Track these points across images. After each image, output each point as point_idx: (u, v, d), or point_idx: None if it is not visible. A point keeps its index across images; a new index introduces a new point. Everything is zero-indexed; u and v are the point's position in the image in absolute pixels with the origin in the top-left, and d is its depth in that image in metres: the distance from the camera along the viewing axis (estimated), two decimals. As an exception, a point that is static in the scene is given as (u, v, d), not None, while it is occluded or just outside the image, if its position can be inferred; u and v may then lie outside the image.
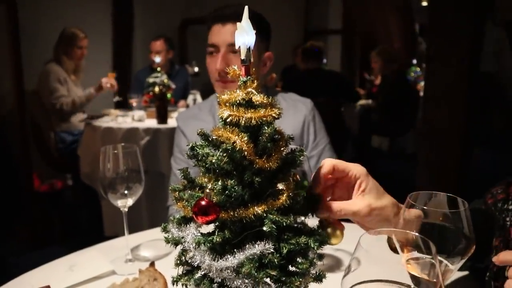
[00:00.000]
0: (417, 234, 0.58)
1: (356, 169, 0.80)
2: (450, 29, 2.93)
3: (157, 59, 3.78)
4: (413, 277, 0.64)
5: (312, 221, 0.76)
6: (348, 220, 1.31)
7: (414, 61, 7.15)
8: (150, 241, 1.33)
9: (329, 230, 0.80)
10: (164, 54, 4.37)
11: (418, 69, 6.80)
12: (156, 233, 1.38)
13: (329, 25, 8.14)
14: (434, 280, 0.60)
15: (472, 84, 2.95)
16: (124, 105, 4.40)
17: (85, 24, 4.80)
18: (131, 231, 1.23)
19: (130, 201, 1.15)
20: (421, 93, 5.12)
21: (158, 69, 3.44)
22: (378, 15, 7.52)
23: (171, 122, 3.32)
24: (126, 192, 1.14)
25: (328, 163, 0.78)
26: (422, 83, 5.62)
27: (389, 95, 5.18)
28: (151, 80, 3.31)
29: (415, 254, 0.63)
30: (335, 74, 4.89)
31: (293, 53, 6.37)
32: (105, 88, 4.02)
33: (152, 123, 3.39)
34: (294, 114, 1.72)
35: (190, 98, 4.20)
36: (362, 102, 5.45)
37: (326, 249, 0.78)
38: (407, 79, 5.96)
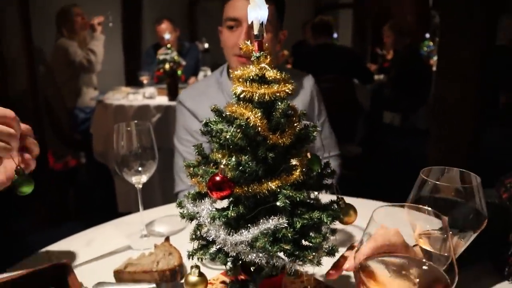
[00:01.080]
0: (429, 208, 0.58)
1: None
2: (464, 1, 2.86)
3: (167, 35, 3.76)
4: (425, 251, 0.65)
5: (325, 197, 0.77)
6: (361, 197, 1.32)
7: (427, 35, 7.01)
8: (164, 216, 1.34)
9: (343, 209, 0.81)
10: (172, 34, 4.35)
11: (431, 43, 6.66)
12: (170, 209, 1.40)
13: (340, -1, 8.00)
14: (446, 254, 0.60)
15: (486, 59, 2.89)
16: (134, 82, 4.42)
17: (95, 3, 4.79)
18: (144, 207, 1.25)
19: (144, 178, 1.17)
20: (434, 68, 5.03)
21: (169, 45, 3.42)
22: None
23: (182, 99, 3.32)
24: (140, 169, 1.15)
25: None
26: (435, 58, 5.52)
27: (401, 70, 5.11)
28: (161, 57, 3.30)
29: (427, 228, 0.63)
30: (347, 50, 4.81)
31: (302, 29, 6.28)
32: (97, 26, 4.21)
33: (163, 100, 3.40)
34: (302, 89, 1.75)
35: (201, 74, 4.18)
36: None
37: (339, 225, 0.79)
38: (420, 53, 5.86)
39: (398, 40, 5.37)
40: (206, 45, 5.10)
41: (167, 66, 3.27)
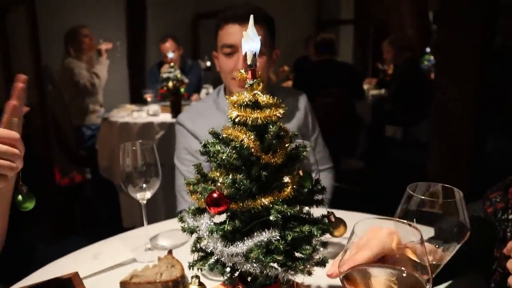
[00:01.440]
0: (405, 221, 0.64)
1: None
2: (461, 17, 2.92)
3: (170, 54, 3.86)
4: (411, 262, 0.70)
5: (316, 211, 0.82)
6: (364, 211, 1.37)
7: (428, 50, 7.09)
8: (168, 231, 1.40)
9: (333, 222, 0.86)
10: (176, 52, 4.44)
11: (431, 57, 6.74)
12: (172, 223, 1.45)
13: (341, 15, 8.12)
14: (434, 262, 0.65)
15: (486, 69, 2.94)
16: (139, 100, 4.51)
17: (100, 20, 4.91)
18: (148, 222, 1.31)
19: (148, 194, 1.23)
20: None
21: (172, 64, 3.51)
22: (390, 3, 7.46)
23: (186, 116, 3.40)
24: (144, 185, 1.21)
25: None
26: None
27: (401, 84, 5.17)
28: (165, 75, 3.39)
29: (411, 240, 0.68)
30: (348, 66, 4.88)
31: (305, 44, 6.38)
32: (104, 52, 4.25)
33: (166, 117, 3.48)
34: (297, 106, 1.82)
35: (203, 92, 4.27)
36: (374, 92, 5.45)
37: (331, 238, 0.85)
38: (420, 67, 5.92)
39: (398, 55, 5.44)
40: (208, 63, 5.21)
41: (170, 84, 3.36)
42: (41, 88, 3.32)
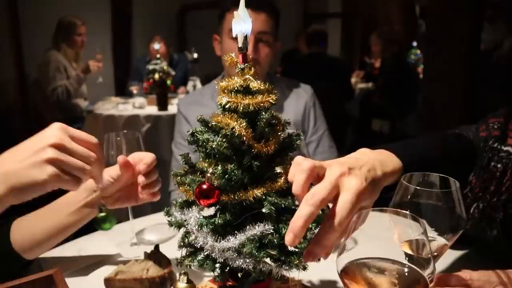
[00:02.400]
0: (407, 212, 0.61)
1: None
2: (449, 11, 2.92)
3: (156, 45, 3.78)
4: (407, 255, 0.67)
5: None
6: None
7: (415, 44, 7.10)
8: (154, 225, 1.36)
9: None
10: (165, 50, 4.34)
11: (418, 51, 6.75)
12: (159, 217, 1.41)
13: (328, 8, 8.09)
14: (428, 256, 0.62)
15: (472, 66, 2.95)
16: (124, 92, 4.42)
17: (84, 11, 4.79)
18: (134, 216, 1.26)
19: (133, 187, 1.18)
20: (422, 76, 5.10)
21: (158, 55, 3.44)
22: (377, -3, 7.47)
23: (172, 108, 3.35)
24: (129, 178, 1.16)
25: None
26: (422, 66, 5.59)
27: (389, 78, 5.17)
28: (151, 67, 3.33)
29: (407, 232, 0.65)
30: (337, 60, 4.84)
31: (296, 38, 6.32)
32: (92, 70, 4.05)
33: (152, 110, 3.41)
34: (296, 100, 1.77)
35: (190, 84, 4.20)
36: (361, 85, 5.44)
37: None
38: (407, 61, 5.93)
39: (386, 48, 5.44)
40: (195, 55, 5.14)
41: (156, 76, 3.30)
42: (22, 78, 3.23)
